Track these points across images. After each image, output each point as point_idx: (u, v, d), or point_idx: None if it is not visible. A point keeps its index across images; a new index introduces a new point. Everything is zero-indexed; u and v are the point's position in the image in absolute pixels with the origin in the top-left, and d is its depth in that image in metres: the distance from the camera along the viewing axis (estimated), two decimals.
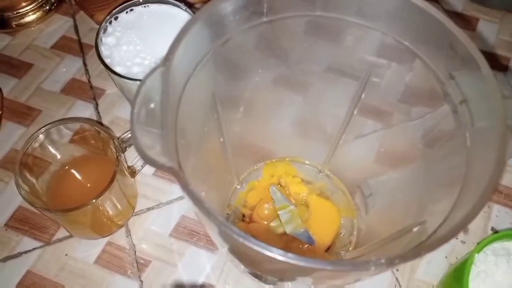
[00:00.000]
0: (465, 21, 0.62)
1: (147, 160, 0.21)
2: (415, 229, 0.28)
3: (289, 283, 0.37)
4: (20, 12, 0.58)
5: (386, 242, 0.33)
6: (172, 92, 0.24)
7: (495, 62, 0.58)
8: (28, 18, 0.59)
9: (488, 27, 0.62)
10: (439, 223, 0.23)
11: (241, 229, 0.42)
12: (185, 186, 0.20)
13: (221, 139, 0.38)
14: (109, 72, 0.36)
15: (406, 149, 0.36)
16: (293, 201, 0.44)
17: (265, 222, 0.43)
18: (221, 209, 0.42)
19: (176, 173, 0.21)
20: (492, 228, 0.48)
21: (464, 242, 0.47)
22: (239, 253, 0.29)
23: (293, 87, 0.42)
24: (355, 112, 0.38)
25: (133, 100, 0.23)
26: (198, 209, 0.20)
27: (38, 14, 0.59)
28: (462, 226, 0.20)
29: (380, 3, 0.29)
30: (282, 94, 0.42)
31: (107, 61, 0.37)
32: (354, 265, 0.19)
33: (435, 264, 0.46)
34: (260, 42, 0.37)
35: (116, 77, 0.36)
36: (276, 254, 0.19)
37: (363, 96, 0.36)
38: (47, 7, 0.60)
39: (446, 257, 0.46)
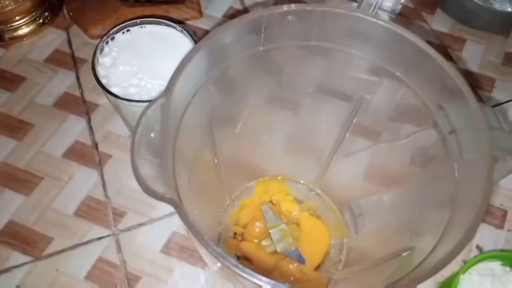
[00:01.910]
0: (452, 41, 0.63)
1: (148, 191, 0.21)
2: (404, 254, 0.29)
3: None
4: (13, 26, 0.58)
5: (375, 264, 0.34)
6: (171, 121, 0.25)
7: (480, 83, 0.60)
8: (21, 31, 0.59)
9: (475, 48, 0.63)
10: (427, 252, 0.24)
11: (232, 246, 0.42)
12: (184, 218, 0.21)
13: (215, 160, 0.38)
14: (105, 92, 0.36)
15: (396, 169, 0.37)
16: (285, 220, 0.44)
17: (256, 241, 0.43)
18: (213, 226, 0.43)
19: (176, 205, 0.21)
20: (477, 246, 0.49)
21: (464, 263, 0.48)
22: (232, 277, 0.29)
23: (286, 107, 0.43)
24: (347, 135, 0.39)
25: (134, 130, 0.23)
26: (197, 241, 0.20)
27: (31, 27, 0.59)
28: (450, 258, 0.21)
29: (372, 34, 0.30)
30: (275, 114, 0.43)
31: (103, 81, 0.37)
32: None
33: None
34: (255, 65, 0.38)
35: (112, 97, 0.36)
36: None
37: (354, 120, 0.37)
38: (41, 21, 0.60)
39: None
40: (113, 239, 0.47)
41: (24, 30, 0.59)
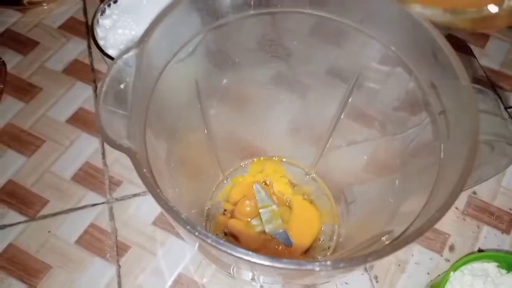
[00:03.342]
0: (474, 37, 0.60)
1: (107, 139, 0.21)
2: (383, 238, 0.28)
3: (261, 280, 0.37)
4: None
5: (358, 250, 0.32)
6: (146, 75, 0.24)
7: (500, 81, 0.57)
8: None
9: (499, 45, 0.60)
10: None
11: (220, 222, 0.42)
12: (138, 168, 0.20)
13: (205, 131, 0.38)
14: (102, 53, 0.36)
15: (390, 159, 0.36)
16: (276, 201, 0.43)
17: (246, 219, 0.42)
18: (202, 201, 0.42)
19: (132, 155, 0.21)
20: (479, 249, 0.47)
21: (448, 260, 0.46)
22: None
23: (290, 86, 0.42)
24: (342, 116, 0.38)
25: (103, 79, 0.23)
26: (149, 191, 0.20)
27: None
28: (410, 240, 0.19)
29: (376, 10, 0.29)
30: (278, 92, 0.42)
31: (101, 42, 0.37)
32: (299, 265, 0.19)
33: (415, 279, 0.45)
34: (262, 40, 0.37)
35: (108, 59, 0.36)
36: (214, 243, 0.19)
37: (350, 100, 0.35)
38: None
39: (428, 273, 0.46)
40: (106, 207, 0.48)
41: None
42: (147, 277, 0.44)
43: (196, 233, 0.19)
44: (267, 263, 0.18)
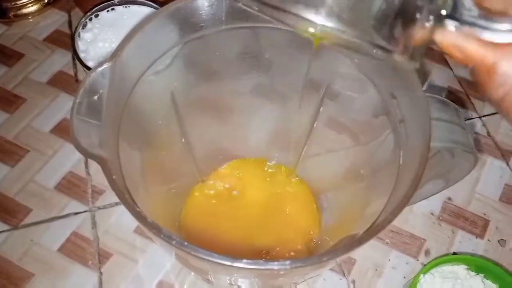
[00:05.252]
0: None
1: (78, 147, 0.22)
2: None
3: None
4: (18, 4, 0.60)
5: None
6: (120, 86, 0.26)
7: (476, 91, 0.59)
8: (26, 10, 0.61)
9: None
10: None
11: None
12: (108, 174, 0.21)
13: (183, 140, 0.39)
14: (82, 65, 0.37)
15: (362, 167, 0.37)
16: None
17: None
18: (178, 207, 0.43)
19: (102, 162, 0.22)
20: (454, 253, 0.49)
21: (425, 265, 0.48)
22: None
23: (269, 96, 0.43)
24: (315, 125, 0.39)
25: (77, 90, 0.24)
26: (117, 196, 0.21)
27: (36, 7, 0.61)
28: (363, 241, 0.21)
29: None
30: (257, 101, 0.43)
31: (81, 55, 0.38)
32: (258, 264, 0.20)
33: (392, 283, 0.46)
34: (242, 52, 0.38)
35: (88, 71, 0.37)
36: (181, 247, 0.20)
37: (321, 109, 0.37)
38: (45, 1, 0.62)
39: (404, 277, 0.47)
40: (89, 215, 0.48)
41: (29, 9, 0.61)
42: (128, 284, 0.45)
43: (162, 236, 0.20)
44: (227, 263, 0.19)
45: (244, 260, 0.19)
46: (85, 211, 0.48)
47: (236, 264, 0.19)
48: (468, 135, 0.30)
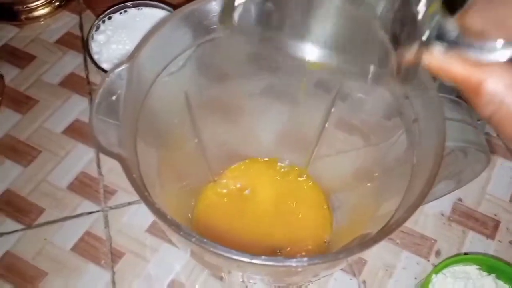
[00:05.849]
0: None
1: (99, 147, 0.22)
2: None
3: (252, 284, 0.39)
4: (29, 7, 0.61)
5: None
6: (137, 87, 0.26)
7: None
8: (37, 13, 0.61)
9: None
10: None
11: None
12: (128, 172, 0.22)
13: (196, 140, 0.39)
14: (96, 67, 0.38)
15: (373, 167, 0.37)
16: None
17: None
18: (191, 204, 0.44)
19: (122, 160, 0.22)
20: (465, 254, 0.49)
21: (436, 265, 0.48)
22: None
23: (279, 97, 0.43)
24: (326, 125, 0.39)
25: (96, 91, 0.24)
26: (137, 193, 0.21)
27: (47, 9, 0.62)
28: (378, 240, 0.21)
29: None
30: (268, 102, 0.44)
31: (95, 57, 0.39)
32: (277, 261, 0.20)
33: (402, 283, 0.47)
34: (253, 53, 0.38)
35: (102, 73, 0.38)
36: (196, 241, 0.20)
37: (333, 110, 0.37)
38: (57, 4, 0.62)
39: (415, 278, 0.47)
40: (101, 215, 0.49)
41: (40, 12, 0.61)
42: (140, 283, 0.45)
43: (181, 233, 0.20)
44: (246, 260, 0.20)
45: (263, 257, 0.20)
46: (97, 211, 0.49)
47: (254, 261, 0.20)
48: (480, 134, 0.30)
